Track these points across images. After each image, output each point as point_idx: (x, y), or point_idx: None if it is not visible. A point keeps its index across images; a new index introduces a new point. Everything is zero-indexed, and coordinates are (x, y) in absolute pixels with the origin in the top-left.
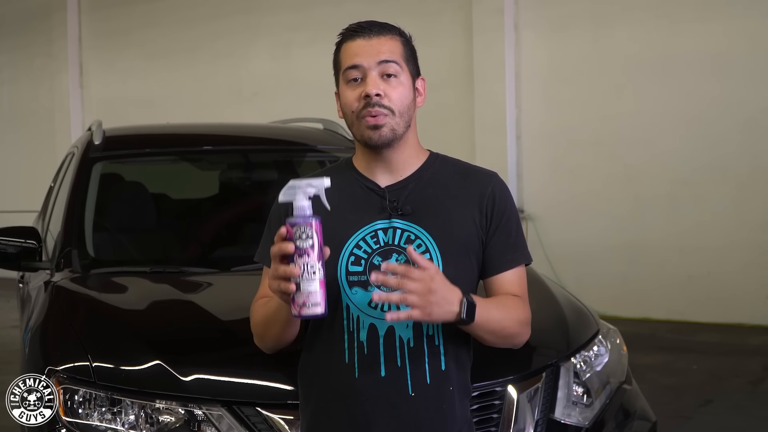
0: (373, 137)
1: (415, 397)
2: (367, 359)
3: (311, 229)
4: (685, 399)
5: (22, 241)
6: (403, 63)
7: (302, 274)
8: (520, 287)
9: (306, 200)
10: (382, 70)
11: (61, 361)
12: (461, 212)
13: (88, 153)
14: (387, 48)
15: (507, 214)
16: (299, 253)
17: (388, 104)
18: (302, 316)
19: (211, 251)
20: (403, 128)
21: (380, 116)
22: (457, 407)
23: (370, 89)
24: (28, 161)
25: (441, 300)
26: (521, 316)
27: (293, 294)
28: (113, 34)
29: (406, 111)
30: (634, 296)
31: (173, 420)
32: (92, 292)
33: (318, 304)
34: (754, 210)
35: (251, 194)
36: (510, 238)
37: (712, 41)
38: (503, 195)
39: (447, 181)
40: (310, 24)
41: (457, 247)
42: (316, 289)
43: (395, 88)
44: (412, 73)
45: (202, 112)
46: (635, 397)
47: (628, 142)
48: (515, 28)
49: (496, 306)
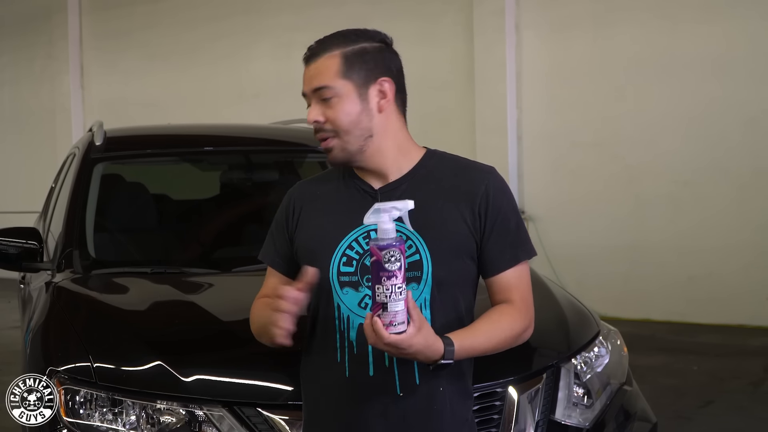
0: (329, 159)
1: (404, 398)
2: (357, 359)
3: (398, 252)
4: (685, 400)
5: (23, 242)
6: (338, 80)
7: (390, 295)
8: (522, 286)
9: (391, 223)
10: (318, 96)
11: (63, 362)
12: (452, 213)
13: (89, 154)
14: (320, 71)
15: (503, 212)
16: (387, 276)
17: (331, 128)
18: (392, 335)
19: (212, 252)
20: (357, 143)
21: (328, 140)
22: (450, 408)
23: (309, 118)
24: (29, 162)
25: (417, 355)
26: (514, 327)
27: (380, 314)
28: (114, 35)
29: (354, 127)
30: (635, 297)
31: (174, 420)
32: (93, 293)
33: (402, 322)
34: (755, 211)
35: (252, 195)
36: (508, 236)
37: (713, 42)
38: (498, 192)
39: (440, 181)
40: (311, 25)
41: (449, 249)
42: (401, 309)
43: (333, 108)
44: (360, 82)
45: (203, 113)
46: (636, 398)
47: (629, 142)
48: (516, 29)
49: (484, 333)
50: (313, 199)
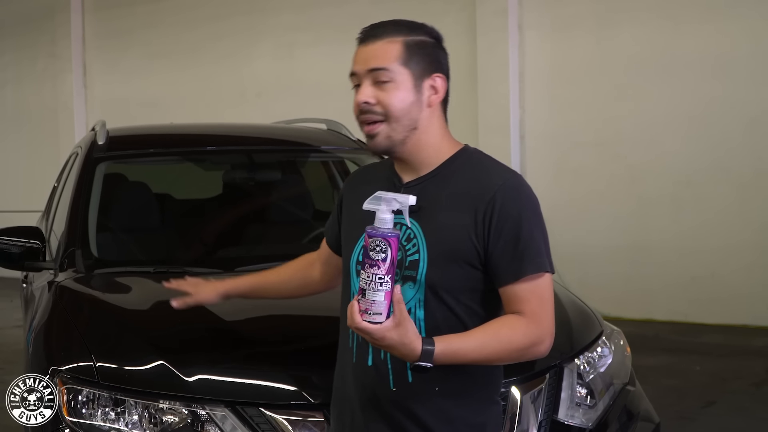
0: (369, 145)
1: (397, 392)
2: (361, 346)
3: (386, 244)
4: (688, 400)
5: (25, 241)
6: (398, 66)
7: (369, 283)
8: (533, 300)
9: (388, 213)
10: (373, 77)
11: (65, 361)
12: (456, 217)
13: (91, 153)
14: (380, 54)
15: (512, 222)
16: (369, 263)
17: (381, 110)
18: (364, 321)
19: (215, 251)
20: (403, 133)
21: (374, 124)
22: (447, 410)
23: (359, 98)
24: (32, 161)
25: (392, 349)
26: (516, 340)
27: (359, 299)
28: (117, 35)
29: (404, 115)
30: (638, 297)
31: (177, 420)
32: (96, 292)
33: (380, 313)
34: (757, 211)
35: (255, 194)
36: (517, 248)
37: (715, 42)
38: (508, 202)
39: (457, 182)
40: (313, 25)
41: (446, 253)
42: (380, 300)
43: (388, 93)
44: (417, 73)
45: (206, 113)
46: (639, 398)
47: (631, 142)
48: (519, 28)
49: (477, 340)
50: (356, 187)
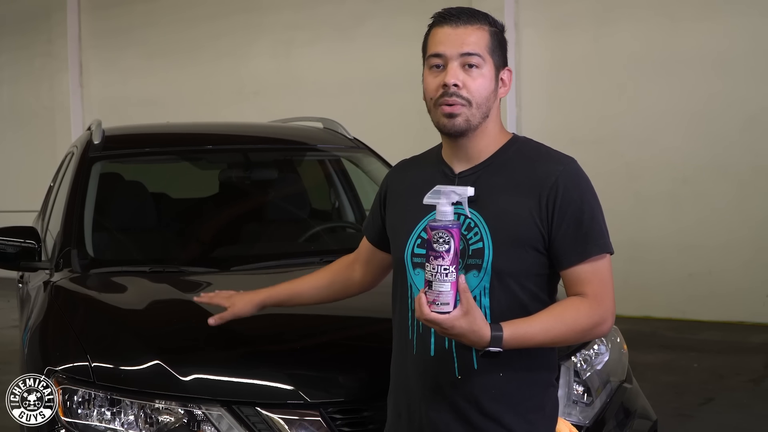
0: (447, 125)
1: (462, 380)
2: (422, 337)
3: (448, 235)
4: (686, 397)
5: (21, 241)
6: (486, 54)
7: (435, 274)
8: (594, 281)
9: (448, 206)
10: (463, 60)
11: (61, 361)
12: (519, 203)
13: (87, 152)
14: (472, 39)
15: (575, 205)
16: (434, 255)
17: (466, 95)
18: (433, 312)
19: (211, 251)
20: (479, 119)
21: (456, 106)
22: (510, 394)
23: (449, 79)
24: (28, 161)
25: (461, 337)
26: (580, 321)
27: (426, 291)
28: (113, 34)
29: (484, 102)
30: (635, 294)
31: (172, 420)
32: (91, 292)
33: (447, 303)
34: (755, 208)
35: (251, 193)
36: (580, 230)
37: (713, 40)
38: (570, 184)
39: (514, 171)
40: (311, 23)
41: (511, 239)
42: (446, 290)
43: (475, 80)
44: (497, 64)
45: (203, 112)
46: (636, 395)
47: (629, 140)
48: (516, 26)
49: (542, 323)
50: (402, 181)
